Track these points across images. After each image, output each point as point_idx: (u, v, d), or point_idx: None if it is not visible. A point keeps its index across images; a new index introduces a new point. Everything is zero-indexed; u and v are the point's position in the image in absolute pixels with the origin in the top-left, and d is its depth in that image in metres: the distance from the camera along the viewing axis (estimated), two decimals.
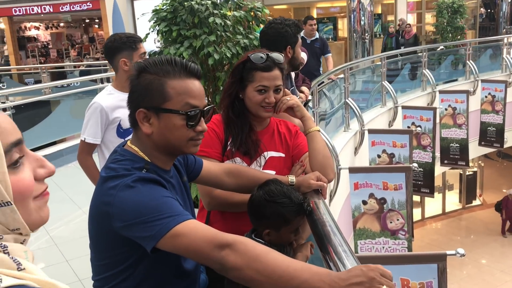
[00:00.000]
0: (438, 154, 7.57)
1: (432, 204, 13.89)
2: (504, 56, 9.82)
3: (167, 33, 3.50)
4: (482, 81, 8.53)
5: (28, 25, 20.14)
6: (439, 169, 8.26)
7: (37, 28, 20.39)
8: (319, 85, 4.87)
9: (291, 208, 1.60)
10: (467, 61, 9.18)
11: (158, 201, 1.22)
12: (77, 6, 16.02)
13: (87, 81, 9.68)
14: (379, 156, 5.65)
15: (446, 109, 7.61)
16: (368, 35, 12.60)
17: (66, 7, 16.25)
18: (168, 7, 3.53)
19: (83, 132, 2.57)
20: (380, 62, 7.59)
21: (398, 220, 4.28)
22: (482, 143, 8.40)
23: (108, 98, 2.57)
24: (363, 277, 1.09)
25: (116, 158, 1.34)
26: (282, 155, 1.91)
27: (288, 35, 2.46)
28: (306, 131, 1.86)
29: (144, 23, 3.86)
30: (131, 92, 1.35)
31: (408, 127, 6.62)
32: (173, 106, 1.31)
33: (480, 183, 15.30)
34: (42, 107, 8.68)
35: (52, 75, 13.35)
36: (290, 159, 1.93)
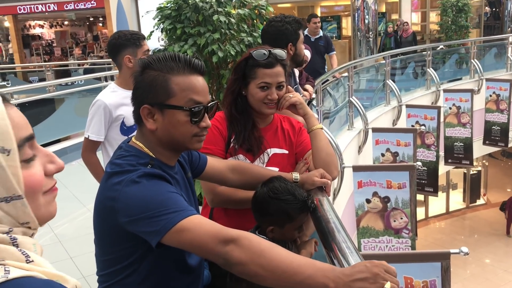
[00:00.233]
0: (442, 153, 7.55)
1: (436, 203, 13.85)
2: (509, 55, 9.78)
3: (171, 31, 3.51)
4: (487, 80, 8.49)
5: (33, 23, 20.20)
6: (443, 168, 8.24)
7: (42, 27, 20.45)
8: (323, 83, 4.87)
9: (295, 205, 1.60)
10: (472, 60, 9.14)
11: (163, 196, 1.23)
12: (81, 5, 16.05)
13: (91, 79, 9.72)
14: (383, 155, 5.64)
15: (451, 108, 7.59)
16: (372, 34, 12.58)
17: (71, 6, 16.28)
18: (172, 5, 3.53)
19: (87, 130, 2.58)
20: (384, 61, 7.57)
21: (402, 219, 4.27)
22: (487, 142, 8.36)
23: (112, 96, 2.57)
24: (367, 273, 1.09)
25: (121, 154, 1.34)
26: (286, 152, 1.91)
27: (289, 32, 2.43)
28: (309, 129, 1.86)
29: (148, 21, 3.87)
30: (135, 89, 1.36)
31: (412, 126, 6.60)
32: (177, 102, 1.31)
33: (484, 183, 15.25)
34: (47, 105, 8.72)
35: (57, 73, 13.40)
36: (294, 156, 1.93)
